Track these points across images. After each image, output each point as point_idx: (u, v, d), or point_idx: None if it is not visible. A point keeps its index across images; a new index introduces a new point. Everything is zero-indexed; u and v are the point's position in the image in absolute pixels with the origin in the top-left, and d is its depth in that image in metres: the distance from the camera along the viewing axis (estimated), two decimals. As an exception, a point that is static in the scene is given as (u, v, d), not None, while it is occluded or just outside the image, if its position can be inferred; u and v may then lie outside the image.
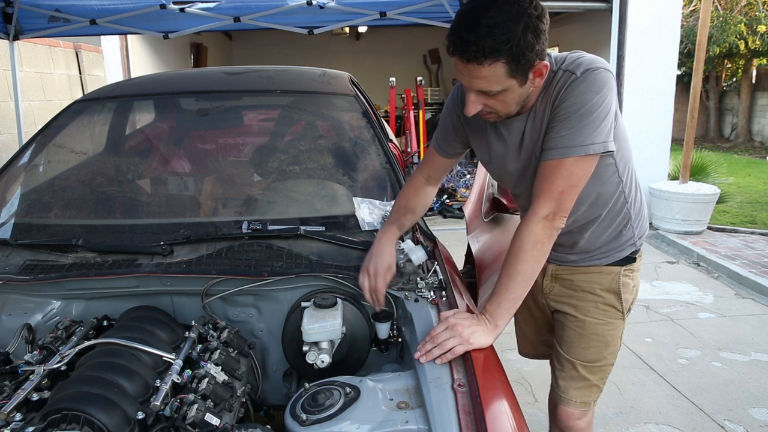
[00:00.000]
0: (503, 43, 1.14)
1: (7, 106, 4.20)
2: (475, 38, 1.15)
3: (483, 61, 1.17)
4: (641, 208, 1.59)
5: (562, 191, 1.28)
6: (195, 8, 3.51)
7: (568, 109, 1.27)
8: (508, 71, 1.19)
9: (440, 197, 6.57)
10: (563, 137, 1.27)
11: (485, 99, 1.28)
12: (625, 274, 1.59)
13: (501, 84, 1.22)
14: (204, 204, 1.96)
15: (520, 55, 1.17)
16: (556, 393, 1.69)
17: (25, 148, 2.09)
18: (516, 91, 1.25)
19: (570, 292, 1.63)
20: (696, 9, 11.15)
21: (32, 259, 1.57)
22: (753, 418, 2.72)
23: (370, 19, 3.85)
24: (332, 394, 1.19)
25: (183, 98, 2.33)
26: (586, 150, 1.26)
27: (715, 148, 11.81)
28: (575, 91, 1.26)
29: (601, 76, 1.27)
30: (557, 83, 1.31)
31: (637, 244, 1.59)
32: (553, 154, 1.28)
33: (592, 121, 1.25)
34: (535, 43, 1.17)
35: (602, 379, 1.66)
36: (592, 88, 1.26)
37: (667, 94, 6.03)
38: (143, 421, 1.08)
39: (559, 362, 1.68)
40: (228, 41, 12.53)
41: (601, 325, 1.60)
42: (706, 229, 5.74)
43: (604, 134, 1.27)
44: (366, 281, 1.45)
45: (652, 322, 3.79)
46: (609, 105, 1.28)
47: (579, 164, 1.28)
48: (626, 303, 1.61)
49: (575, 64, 1.30)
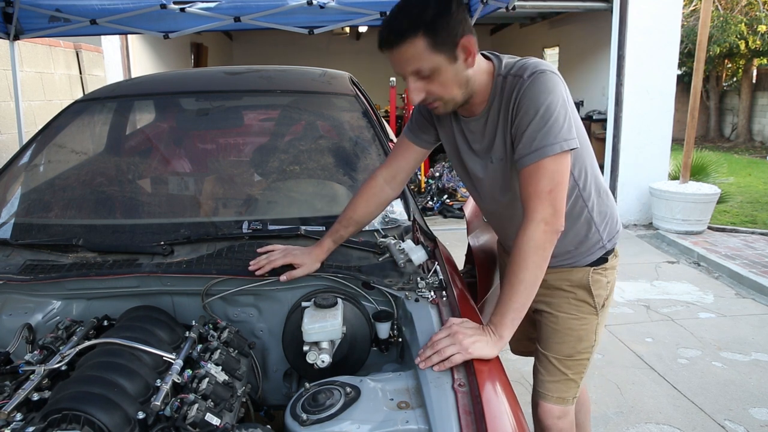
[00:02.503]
0: (415, 19, 1.22)
1: (8, 105, 4.20)
2: (392, 22, 1.26)
3: (402, 42, 1.24)
4: (608, 210, 1.59)
5: (550, 190, 1.29)
6: (195, 8, 3.50)
7: (528, 114, 1.30)
8: (430, 45, 1.23)
9: (440, 197, 6.57)
10: (534, 140, 1.29)
11: (423, 84, 1.30)
12: (595, 272, 1.61)
13: (428, 61, 1.25)
14: (204, 204, 1.96)
15: (437, 29, 1.22)
16: (535, 389, 1.72)
17: (25, 148, 2.09)
18: (448, 69, 1.27)
19: (545, 291, 1.62)
20: (696, 9, 11.14)
21: (33, 259, 1.58)
22: (753, 417, 2.72)
23: (370, 19, 3.85)
24: (332, 394, 1.19)
25: (183, 98, 2.33)
26: (561, 146, 1.28)
27: (716, 148, 11.81)
28: (528, 95, 1.30)
29: (547, 77, 1.30)
30: (508, 88, 1.35)
31: (606, 246, 1.61)
32: (530, 159, 1.30)
33: (556, 120, 1.28)
34: (449, 17, 1.22)
35: (579, 374, 1.67)
36: (543, 89, 1.29)
37: (667, 94, 6.03)
38: (143, 421, 1.07)
39: (537, 359, 1.72)
40: (228, 41, 12.53)
41: (573, 320, 1.63)
42: (706, 229, 5.74)
43: (572, 131, 1.31)
44: (276, 252, 1.50)
45: (652, 322, 3.79)
46: (564, 104, 1.31)
47: (557, 161, 1.29)
48: (599, 299, 1.63)
49: (522, 68, 1.34)
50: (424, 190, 6.70)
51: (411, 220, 1.78)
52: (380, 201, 1.60)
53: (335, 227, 1.56)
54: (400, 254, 1.56)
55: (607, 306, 1.67)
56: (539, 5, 6.87)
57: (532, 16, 10.25)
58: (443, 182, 6.75)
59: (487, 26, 12.80)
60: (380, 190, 1.58)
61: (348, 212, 1.57)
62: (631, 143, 6.06)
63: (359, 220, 1.58)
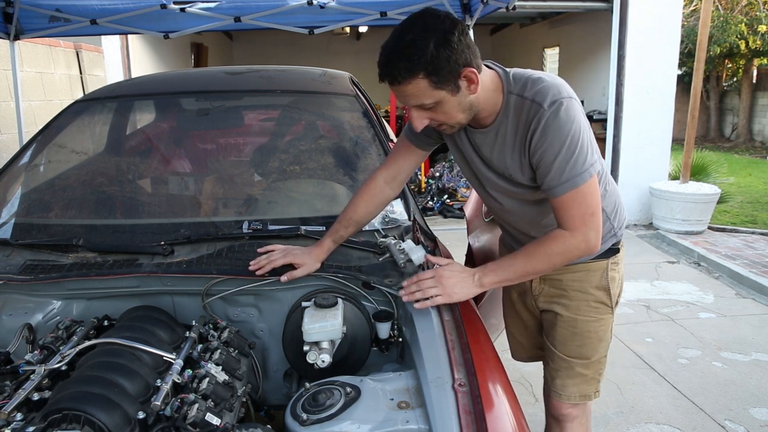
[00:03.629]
0: (415, 61, 1.20)
1: (8, 105, 4.21)
2: (391, 64, 1.23)
3: (403, 81, 1.23)
4: (616, 201, 1.61)
5: (592, 213, 1.34)
6: (195, 8, 3.50)
7: (553, 147, 1.30)
8: (432, 84, 1.23)
9: (441, 197, 6.57)
10: (563, 172, 1.31)
11: (426, 113, 1.32)
12: (611, 267, 1.62)
13: (431, 97, 1.26)
14: (204, 204, 1.96)
15: (437, 68, 1.21)
16: (554, 391, 1.70)
17: (25, 148, 2.09)
18: (452, 100, 1.28)
19: (560, 292, 1.63)
20: (696, 9, 11.14)
21: (33, 259, 1.58)
22: (753, 417, 2.72)
23: (370, 19, 3.85)
24: (333, 394, 1.19)
25: (183, 98, 2.34)
26: (590, 173, 1.32)
27: (716, 148, 11.81)
28: (551, 127, 1.30)
29: (568, 106, 1.30)
30: (526, 113, 1.33)
31: (618, 234, 1.63)
32: (563, 189, 1.32)
33: (581, 149, 1.31)
34: (450, 54, 1.21)
35: (599, 371, 1.69)
36: (566, 119, 1.29)
37: (667, 94, 6.03)
38: (144, 421, 1.08)
39: (553, 361, 1.69)
40: (228, 41, 12.53)
41: (593, 322, 1.62)
42: (706, 229, 5.74)
43: (594, 154, 1.35)
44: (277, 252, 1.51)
45: (652, 322, 3.79)
46: (585, 127, 1.33)
47: (590, 186, 1.33)
48: (614, 297, 1.65)
49: (540, 93, 1.32)
50: (425, 190, 6.70)
51: (411, 220, 1.79)
52: (380, 201, 1.61)
53: (335, 227, 1.57)
54: (401, 254, 1.56)
55: (618, 303, 1.69)
56: (539, 5, 6.87)
57: (532, 16, 10.25)
58: (443, 182, 6.75)
59: (488, 26, 12.80)
60: (380, 191, 1.59)
61: (348, 212, 1.57)
62: (631, 143, 6.06)
63: (359, 220, 1.58)
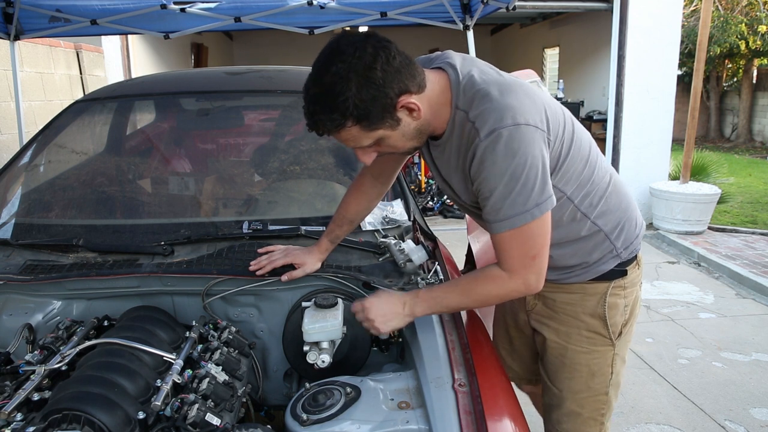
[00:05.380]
0: (340, 110, 1.07)
1: (8, 106, 4.21)
2: (314, 116, 1.11)
3: (333, 132, 1.13)
4: (620, 218, 1.41)
5: (534, 256, 1.19)
6: (196, 8, 3.50)
7: (488, 182, 1.14)
8: (364, 128, 1.12)
9: (441, 197, 6.56)
10: (501, 210, 1.15)
11: (371, 149, 1.21)
12: (613, 293, 1.44)
13: (369, 138, 1.15)
14: (204, 204, 1.96)
15: (366, 113, 1.08)
16: (551, 424, 1.58)
17: (25, 148, 2.09)
18: (393, 134, 1.16)
19: (551, 313, 1.50)
20: (696, 9, 11.14)
21: (33, 259, 1.58)
22: (754, 418, 2.72)
23: (370, 19, 3.85)
24: (333, 394, 1.19)
25: (183, 98, 2.34)
26: (533, 215, 1.15)
27: (716, 148, 11.80)
28: (487, 161, 1.13)
29: (508, 137, 1.10)
30: (467, 137, 1.18)
31: (622, 255, 1.42)
32: (500, 227, 1.17)
33: (524, 186, 1.12)
34: (376, 93, 1.07)
35: (596, 411, 1.51)
36: (506, 153, 1.11)
37: (667, 94, 6.03)
38: (144, 421, 1.08)
39: (546, 387, 1.57)
40: (228, 41, 12.53)
41: (584, 354, 1.47)
42: (706, 229, 5.74)
43: (546, 191, 1.16)
44: (277, 252, 1.50)
45: (652, 322, 3.79)
46: (534, 160, 1.12)
47: (532, 229, 1.16)
48: (614, 327, 1.45)
49: (480, 117, 1.14)
50: (425, 190, 6.70)
51: (411, 221, 1.79)
52: (371, 197, 1.57)
53: (330, 227, 1.56)
54: (401, 254, 1.56)
55: (626, 333, 1.49)
56: (539, 5, 6.87)
57: (533, 16, 10.25)
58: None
59: (488, 26, 12.80)
60: (370, 187, 1.56)
61: (340, 211, 1.56)
62: (631, 143, 6.06)
63: (352, 218, 1.57)
